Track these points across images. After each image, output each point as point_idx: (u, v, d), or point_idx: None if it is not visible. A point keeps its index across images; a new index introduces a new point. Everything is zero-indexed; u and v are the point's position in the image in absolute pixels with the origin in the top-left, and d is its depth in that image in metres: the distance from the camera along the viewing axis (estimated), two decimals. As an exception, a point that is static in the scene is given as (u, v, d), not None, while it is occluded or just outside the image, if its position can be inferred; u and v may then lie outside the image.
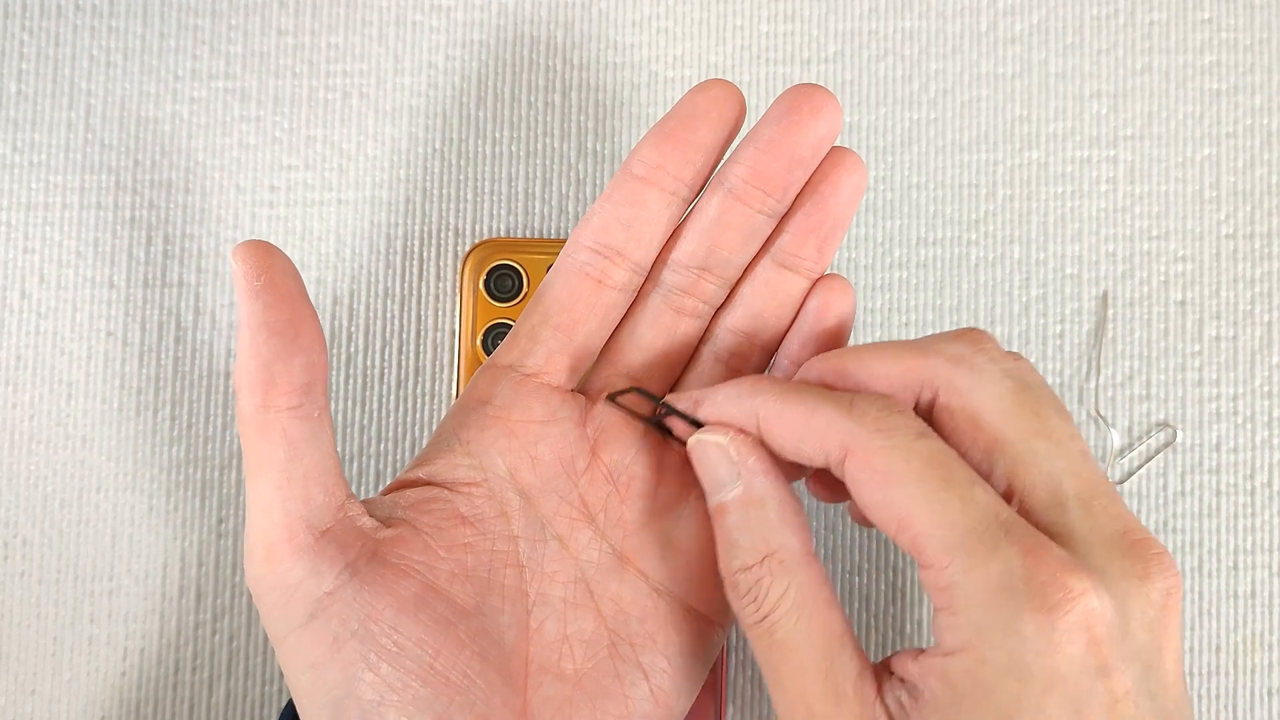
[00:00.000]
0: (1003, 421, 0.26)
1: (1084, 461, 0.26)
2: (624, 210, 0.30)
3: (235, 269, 0.26)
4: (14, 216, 0.38)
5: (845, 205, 0.30)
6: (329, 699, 0.27)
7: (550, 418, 0.30)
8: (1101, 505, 0.26)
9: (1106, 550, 0.25)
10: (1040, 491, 0.26)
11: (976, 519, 0.25)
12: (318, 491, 0.27)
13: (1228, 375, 0.39)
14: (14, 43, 0.39)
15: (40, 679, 0.37)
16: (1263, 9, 0.40)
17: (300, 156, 0.39)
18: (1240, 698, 0.38)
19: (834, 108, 0.29)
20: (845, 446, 0.26)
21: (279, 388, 0.26)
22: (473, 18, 0.40)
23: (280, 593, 0.27)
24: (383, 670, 0.26)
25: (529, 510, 0.30)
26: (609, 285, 0.30)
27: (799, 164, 0.29)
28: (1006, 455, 0.26)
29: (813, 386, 0.28)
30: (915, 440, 0.26)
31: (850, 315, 0.31)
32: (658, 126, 0.29)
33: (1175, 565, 0.25)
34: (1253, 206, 0.39)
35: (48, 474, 0.37)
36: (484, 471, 0.29)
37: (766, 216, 0.30)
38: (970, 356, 0.27)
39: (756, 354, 0.31)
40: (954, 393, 0.27)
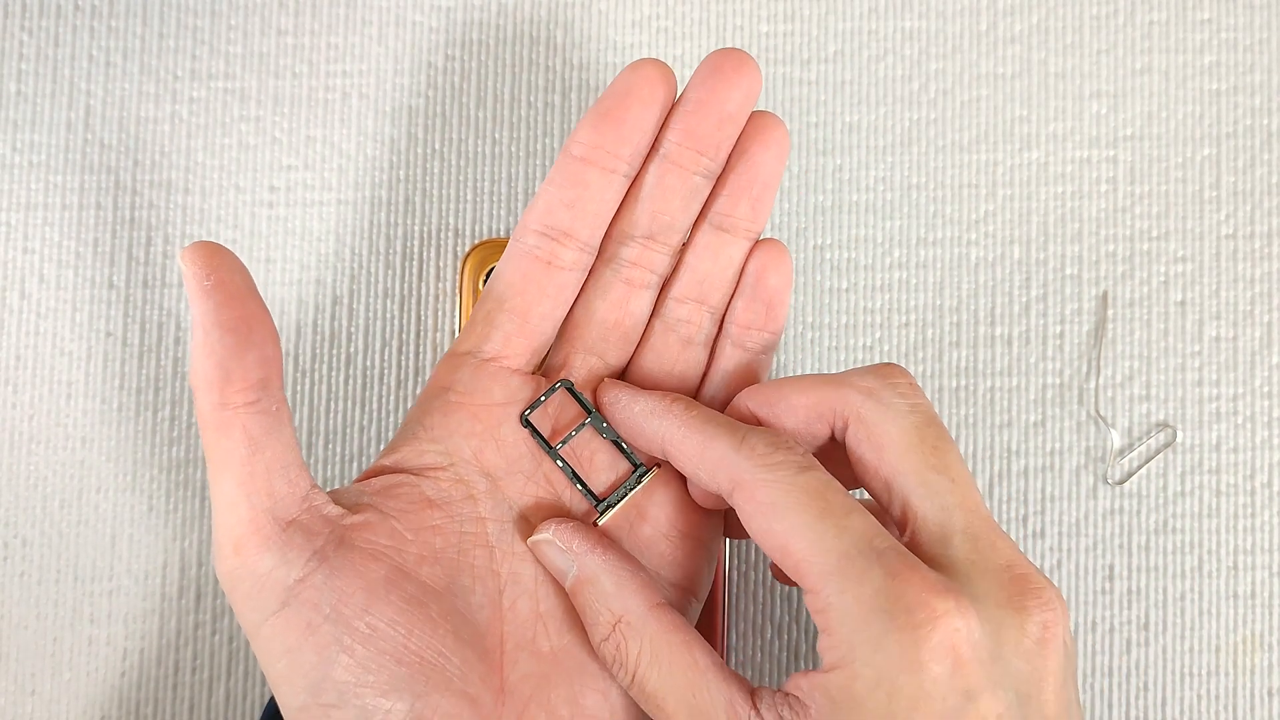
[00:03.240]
0: (904, 454, 0.28)
1: (976, 500, 0.28)
2: (566, 191, 0.30)
3: (185, 270, 0.27)
4: (14, 216, 0.38)
5: (773, 163, 0.31)
6: (306, 683, 0.27)
7: (511, 400, 0.31)
8: (988, 541, 0.27)
9: (986, 581, 0.26)
10: (931, 524, 0.27)
11: (850, 544, 0.26)
12: (281, 483, 0.28)
13: (1228, 375, 0.39)
14: (14, 43, 0.39)
15: (40, 679, 0.37)
16: (1263, 9, 0.40)
17: (300, 156, 0.39)
18: (1240, 698, 0.38)
19: (753, 66, 0.30)
20: (734, 480, 0.28)
21: (234, 384, 0.27)
22: (473, 18, 0.40)
23: (251, 583, 0.27)
24: (357, 652, 0.27)
25: (496, 492, 0.30)
26: (558, 266, 0.31)
27: (728, 120, 0.30)
28: (904, 486, 0.28)
29: (716, 418, 0.29)
30: (797, 475, 0.27)
31: (788, 277, 0.32)
32: (594, 108, 0.30)
33: (1059, 601, 0.26)
34: (1253, 206, 0.39)
35: (47, 474, 0.37)
36: (449, 456, 0.30)
37: (703, 177, 0.31)
38: (880, 390, 0.29)
39: (706, 320, 0.32)
40: (861, 423, 0.28)
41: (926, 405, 0.29)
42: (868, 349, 0.39)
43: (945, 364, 0.39)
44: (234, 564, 0.27)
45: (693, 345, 0.32)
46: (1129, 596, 0.38)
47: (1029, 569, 0.27)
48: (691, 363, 0.32)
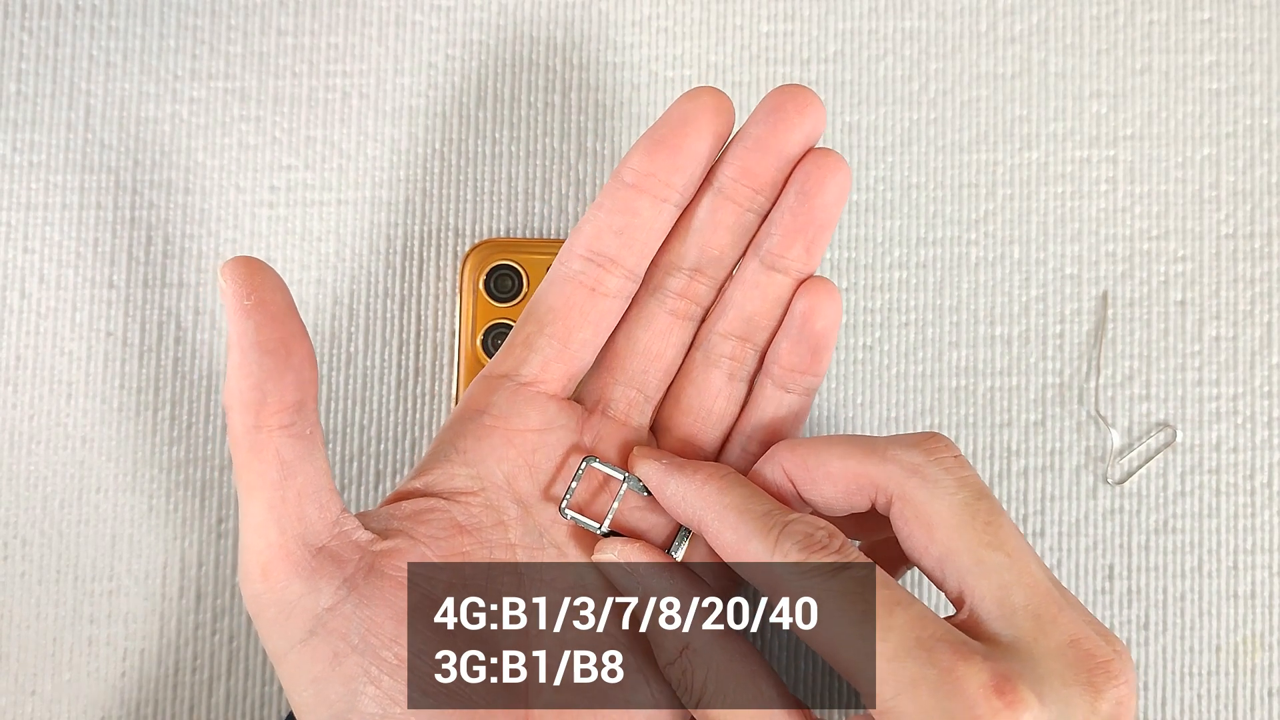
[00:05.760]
0: (956, 533, 0.27)
1: (1036, 572, 0.27)
2: (616, 218, 0.30)
3: (224, 288, 0.26)
4: (14, 216, 0.38)
5: (830, 206, 0.30)
6: (331, 714, 0.27)
7: (547, 426, 0.30)
8: (1051, 616, 0.26)
9: (1050, 660, 0.25)
10: (990, 603, 0.26)
11: (897, 645, 0.25)
12: (312, 509, 0.27)
13: (1228, 375, 0.39)
14: (14, 43, 0.39)
15: (40, 679, 0.37)
16: (1263, 9, 0.40)
17: (300, 156, 0.39)
18: (1240, 698, 0.38)
19: (818, 107, 0.29)
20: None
21: (270, 407, 0.26)
22: (473, 18, 0.40)
23: (278, 610, 0.27)
24: (384, 683, 0.27)
25: (527, 519, 0.30)
26: (603, 293, 0.30)
27: (787, 162, 0.30)
28: (959, 566, 0.27)
29: (751, 508, 0.28)
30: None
31: (836, 319, 0.31)
32: (648, 134, 0.30)
33: (1128, 670, 0.26)
34: (1253, 206, 0.39)
35: (48, 474, 0.37)
36: (481, 481, 0.29)
37: (755, 215, 0.30)
38: (925, 467, 0.28)
39: (749, 357, 0.31)
40: (908, 503, 0.28)
41: (974, 478, 0.28)
42: (868, 349, 0.39)
43: (945, 364, 0.39)
44: (261, 589, 0.27)
45: (735, 381, 0.31)
46: (1129, 596, 0.38)
47: (1095, 642, 0.26)
48: (732, 399, 0.31)
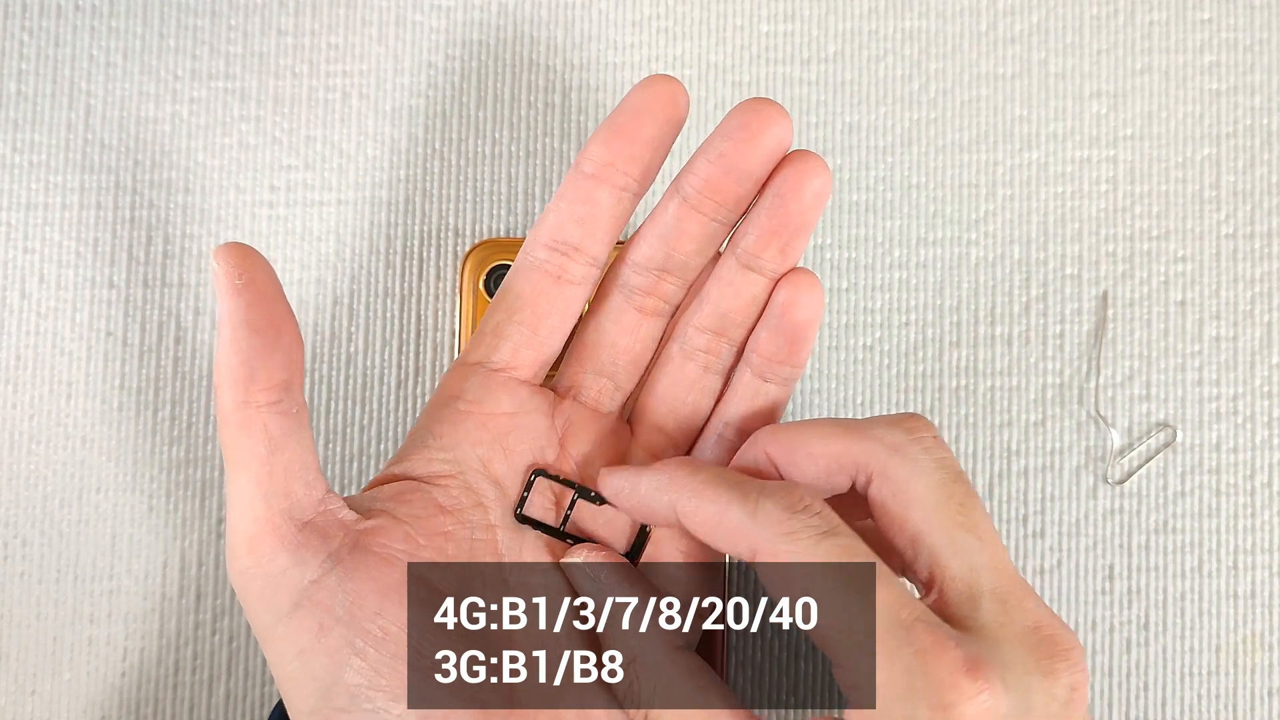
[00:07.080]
0: (931, 512, 0.27)
1: (1003, 558, 0.28)
2: (577, 208, 0.30)
3: (216, 269, 0.27)
4: (14, 216, 0.38)
5: (807, 209, 0.30)
6: (316, 686, 0.27)
7: (519, 410, 0.31)
8: (1016, 601, 0.27)
9: (1014, 645, 0.26)
10: (959, 584, 0.27)
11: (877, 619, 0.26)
12: (298, 485, 0.28)
13: (1228, 375, 0.39)
14: (14, 43, 0.39)
15: (40, 679, 0.37)
16: (1263, 9, 0.40)
17: (300, 156, 0.39)
18: (1240, 698, 0.38)
19: (784, 122, 0.29)
20: (753, 549, 0.27)
21: (259, 383, 0.27)
22: (473, 18, 0.40)
23: (264, 583, 0.27)
24: (370, 655, 0.27)
25: (504, 500, 0.31)
26: (567, 280, 0.31)
27: (748, 178, 0.30)
28: (932, 545, 0.27)
29: (725, 480, 0.28)
30: (817, 544, 0.26)
31: (817, 310, 0.31)
32: (605, 124, 0.30)
33: (1084, 660, 0.26)
34: (1253, 206, 0.39)
35: (48, 474, 0.37)
36: (458, 464, 0.30)
37: (721, 224, 0.31)
38: (905, 445, 0.28)
39: (724, 351, 0.32)
40: (886, 479, 0.28)
41: (952, 460, 0.28)
42: (868, 349, 0.39)
43: (945, 364, 0.39)
44: (247, 563, 0.28)
45: (710, 373, 0.32)
46: (1129, 596, 0.38)
47: (1057, 628, 0.27)
48: (707, 390, 0.32)
